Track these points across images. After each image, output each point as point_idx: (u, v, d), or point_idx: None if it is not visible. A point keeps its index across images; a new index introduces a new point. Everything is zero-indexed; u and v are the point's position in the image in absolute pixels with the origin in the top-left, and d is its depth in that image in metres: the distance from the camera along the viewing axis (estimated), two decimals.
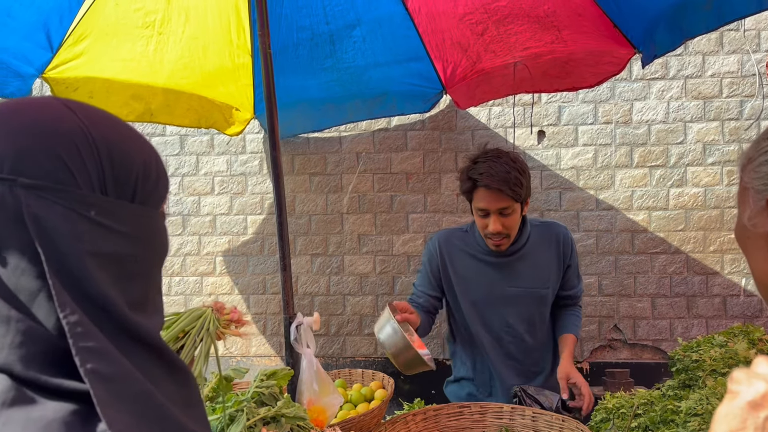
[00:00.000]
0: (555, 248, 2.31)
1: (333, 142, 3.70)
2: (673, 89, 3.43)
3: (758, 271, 0.84)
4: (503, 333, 2.31)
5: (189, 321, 1.16)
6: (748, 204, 0.83)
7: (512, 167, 2.09)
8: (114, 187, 0.66)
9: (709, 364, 1.96)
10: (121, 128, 0.71)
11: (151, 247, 0.71)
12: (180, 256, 3.81)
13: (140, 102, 2.74)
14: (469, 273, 2.31)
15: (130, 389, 0.61)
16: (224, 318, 1.26)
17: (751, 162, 0.83)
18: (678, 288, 3.44)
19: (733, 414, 0.62)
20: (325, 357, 3.71)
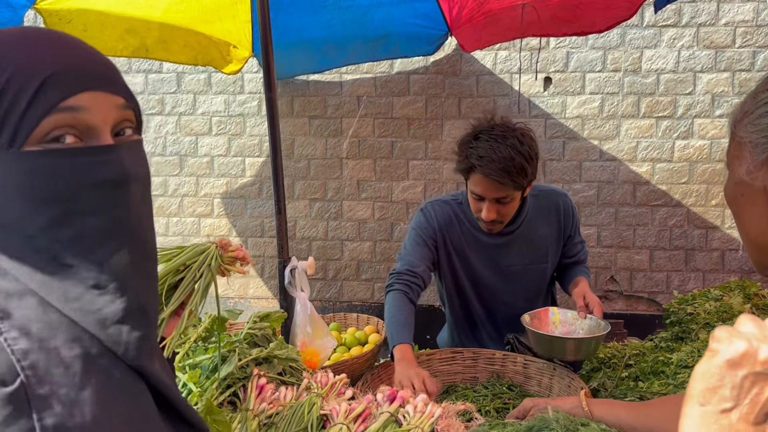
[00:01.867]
0: (555, 220, 2.15)
1: (333, 85, 3.62)
2: (685, 37, 3.32)
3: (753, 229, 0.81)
4: (497, 310, 2.22)
5: (191, 255, 1.14)
6: (744, 159, 0.79)
7: (518, 152, 1.83)
8: None
9: (703, 317, 1.97)
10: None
11: (16, 196, 0.59)
12: (177, 197, 3.79)
13: (135, 37, 2.66)
14: (465, 248, 2.14)
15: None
16: (229, 255, 1.23)
17: (748, 115, 0.79)
18: (677, 241, 3.43)
19: (711, 372, 0.61)
20: (322, 301, 3.74)
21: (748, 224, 0.82)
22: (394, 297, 2.00)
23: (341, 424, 1.29)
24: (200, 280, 1.13)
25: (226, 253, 1.22)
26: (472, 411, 1.50)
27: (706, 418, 0.61)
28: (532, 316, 1.93)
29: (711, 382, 0.61)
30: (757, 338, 0.61)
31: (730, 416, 0.60)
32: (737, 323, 0.64)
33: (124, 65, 3.71)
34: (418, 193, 3.60)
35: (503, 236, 2.11)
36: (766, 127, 0.75)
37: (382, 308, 3.65)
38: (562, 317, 1.96)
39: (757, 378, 0.59)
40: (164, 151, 3.75)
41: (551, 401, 1.41)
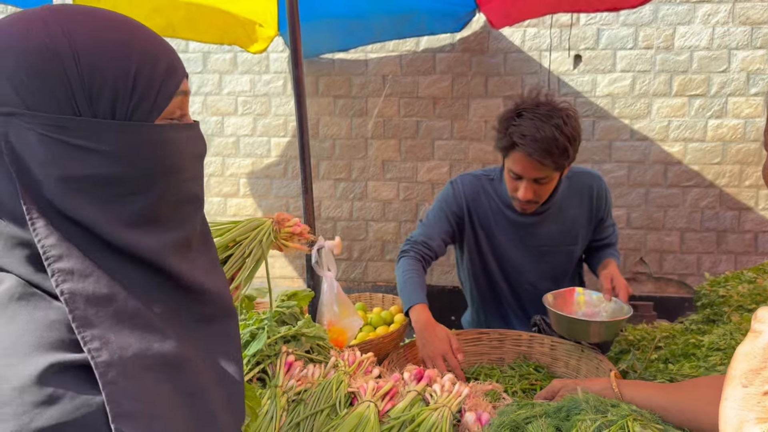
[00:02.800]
0: (587, 203, 2.11)
1: (359, 64, 3.59)
2: (720, 13, 3.22)
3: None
4: (522, 290, 2.19)
5: (243, 231, 1.12)
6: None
7: (561, 132, 1.79)
8: (89, 105, 0.62)
9: (735, 299, 1.92)
10: (100, 34, 0.64)
11: (146, 162, 0.65)
12: (204, 177, 3.82)
13: (162, 16, 2.67)
14: (493, 225, 2.12)
15: (113, 307, 0.61)
16: (286, 230, 1.20)
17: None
18: (709, 223, 3.36)
19: (754, 353, 0.61)
20: (347, 281, 3.76)
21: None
22: (408, 261, 2.01)
23: (369, 401, 1.29)
24: (249, 257, 1.10)
25: (283, 228, 1.20)
26: (500, 391, 1.49)
27: (749, 399, 0.60)
28: (556, 296, 1.91)
29: (754, 363, 0.60)
30: None
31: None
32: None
33: None
34: (443, 173, 3.57)
35: (533, 215, 2.08)
36: None
37: None
38: (587, 298, 1.93)
39: None
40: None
41: (580, 382, 1.40)
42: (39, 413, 0.52)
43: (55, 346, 0.56)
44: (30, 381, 0.52)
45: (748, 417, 0.60)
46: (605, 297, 1.88)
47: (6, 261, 0.60)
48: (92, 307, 0.59)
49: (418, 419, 1.25)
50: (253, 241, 1.11)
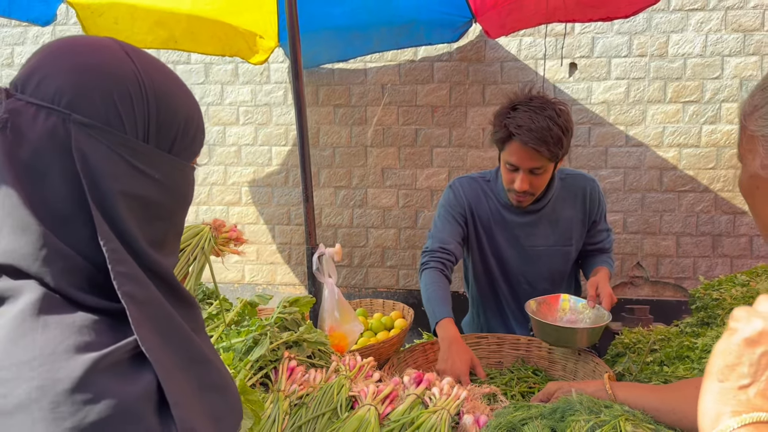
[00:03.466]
0: (580, 204, 2.16)
1: (358, 74, 3.64)
2: (713, 21, 3.27)
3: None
4: (521, 290, 2.23)
5: (185, 238, 1.18)
6: (758, 153, 0.79)
7: (555, 123, 1.86)
8: (156, 136, 0.72)
9: (729, 302, 1.96)
10: (171, 81, 0.75)
11: (177, 196, 0.76)
12: (206, 186, 3.87)
13: (164, 28, 2.72)
14: (492, 225, 2.18)
15: (157, 312, 0.68)
16: (223, 236, 1.27)
17: (758, 109, 0.80)
18: (704, 227, 3.39)
19: (730, 350, 0.64)
20: (348, 287, 3.79)
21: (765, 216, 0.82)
22: (430, 274, 2.05)
23: (369, 405, 1.33)
24: (194, 263, 1.15)
25: (220, 234, 1.27)
26: (497, 393, 1.53)
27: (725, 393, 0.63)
28: (541, 302, 1.94)
29: (730, 359, 0.63)
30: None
31: (748, 392, 0.62)
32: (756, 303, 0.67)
33: None
34: (442, 180, 3.61)
35: (529, 215, 2.14)
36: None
37: (407, 294, 3.70)
38: (571, 305, 1.95)
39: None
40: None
41: (575, 384, 1.44)
42: (91, 409, 0.57)
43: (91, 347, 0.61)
44: (78, 381, 0.58)
45: (725, 410, 0.63)
46: (589, 304, 1.91)
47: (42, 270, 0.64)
48: (143, 308, 0.66)
49: (417, 422, 1.29)
50: (195, 248, 1.16)
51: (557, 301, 1.96)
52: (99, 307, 0.65)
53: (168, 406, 0.63)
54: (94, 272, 0.66)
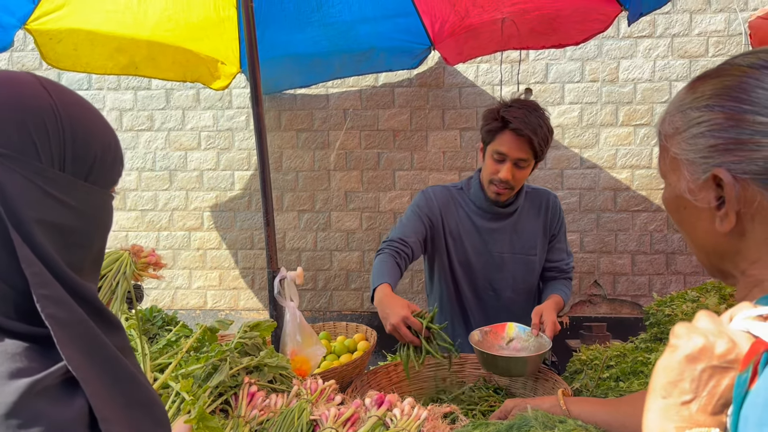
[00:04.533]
0: (543, 216, 2.29)
1: (320, 99, 3.68)
2: (660, 47, 3.42)
3: (699, 240, 0.82)
4: (486, 297, 2.31)
5: (105, 264, 1.19)
6: (682, 175, 0.79)
7: (544, 123, 2.06)
8: (72, 165, 0.74)
9: (680, 318, 2.03)
10: (88, 113, 0.78)
11: (95, 222, 0.78)
12: (167, 211, 3.83)
13: (125, 54, 2.71)
14: (461, 232, 2.28)
15: (83, 333, 0.70)
16: (142, 261, 1.30)
17: (680, 132, 0.79)
18: (658, 245, 3.51)
19: (671, 366, 0.65)
20: (312, 311, 3.78)
21: (693, 234, 0.82)
22: (380, 258, 2.10)
23: (330, 428, 1.33)
24: (117, 288, 1.17)
25: (139, 259, 1.29)
26: (457, 412, 1.55)
27: (668, 410, 0.65)
28: (487, 331, 1.96)
29: (671, 376, 0.65)
30: (714, 333, 0.65)
31: (690, 407, 0.64)
32: (695, 319, 0.68)
33: (113, 82, 3.76)
34: (404, 203, 3.66)
35: (497, 221, 2.25)
36: (703, 148, 0.75)
37: (372, 317, 3.71)
38: (516, 333, 1.97)
39: (714, 371, 0.63)
40: (154, 166, 3.79)
41: (531, 401, 1.47)
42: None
43: (24, 373, 0.63)
44: (13, 406, 0.60)
45: (668, 426, 0.64)
46: (532, 332, 1.96)
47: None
48: (68, 329, 0.68)
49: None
50: (117, 273, 1.19)
51: (503, 329, 2.00)
52: (28, 334, 0.67)
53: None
54: (20, 299, 0.68)
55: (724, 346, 0.64)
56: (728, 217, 0.74)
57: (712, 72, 0.78)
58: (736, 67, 0.75)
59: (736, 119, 0.72)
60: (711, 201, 0.76)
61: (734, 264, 0.77)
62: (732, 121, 0.73)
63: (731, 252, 0.77)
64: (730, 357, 0.63)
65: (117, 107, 3.76)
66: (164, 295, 3.87)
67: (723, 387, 0.63)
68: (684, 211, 0.82)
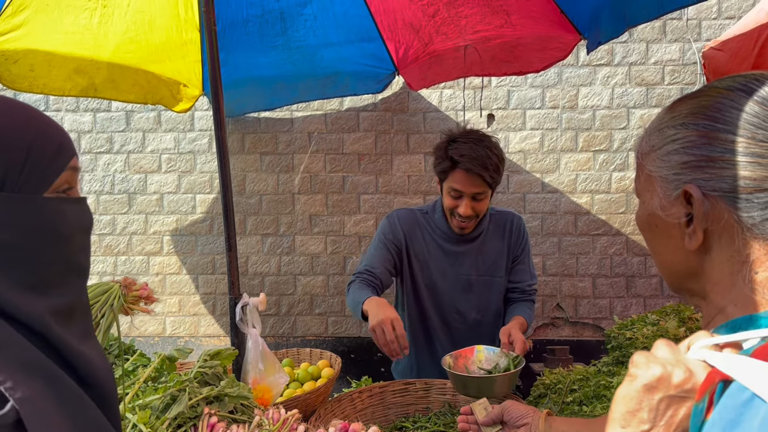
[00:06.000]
0: (507, 236, 2.32)
1: (284, 122, 3.67)
2: (618, 75, 3.52)
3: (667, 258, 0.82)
4: (452, 319, 2.31)
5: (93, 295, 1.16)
6: (656, 193, 0.80)
7: (493, 153, 2.05)
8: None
9: (641, 341, 2.05)
10: None
11: (32, 232, 0.71)
12: (126, 235, 3.74)
13: (84, 76, 2.65)
14: (426, 255, 2.28)
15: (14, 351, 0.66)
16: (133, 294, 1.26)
17: (656, 150, 0.80)
18: (618, 268, 3.57)
19: (630, 396, 0.66)
20: (276, 336, 3.72)
21: (662, 252, 0.83)
22: (354, 287, 2.15)
23: None
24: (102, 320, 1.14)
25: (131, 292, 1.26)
26: None
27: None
28: (457, 356, 1.95)
29: (630, 405, 0.65)
30: (672, 363, 0.65)
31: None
32: (653, 348, 0.69)
33: (71, 104, 3.68)
34: (369, 226, 3.65)
35: (462, 245, 2.26)
36: (676, 165, 0.76)
37: (336, 342, 3.67)
38: (486, 355, 1.97)
39: (671, 401, 0.64)
40: (113, 189, 3.71)
41: None
42: None
43: None
44: None
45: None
46: (503, 351, 1.96)
47: None
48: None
49: None
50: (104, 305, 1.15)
51: (472, 352, 1.99)
52: None
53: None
54: None
55: (681, 376, 0.64)
56: (696, 234, 0.75)
57: (691, 93, 0.80)
58: (713, 88, 0.76)
59: (709, 137, 0.73)
60: (681, 217, 0.76)
61: (700, 285, 0.78)
62: (705, 139, 0.73)
63: (698, 271, 0.77)
64: (687, 386, 0.64)
65: (76, 129, 3.68)
66: (121, 321, 3.75)
67: (680, 416, 0.64)
68: (656, 229, 0.82)
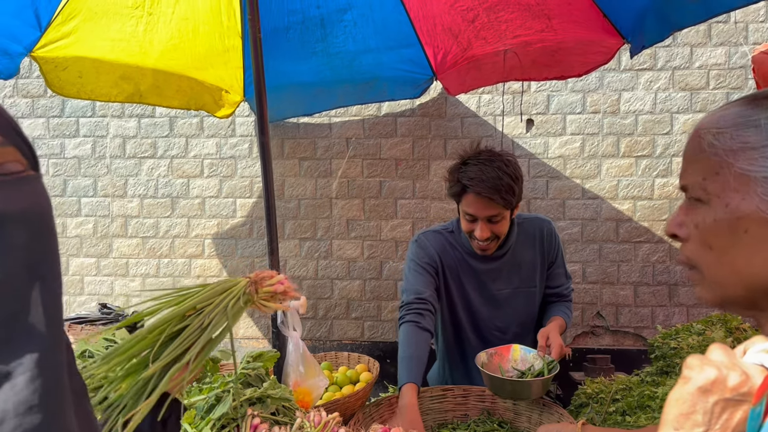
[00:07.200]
0: (539, 245, 2.25)
1: (323, 127, 3.70)
2: (661, 80, 3.46)
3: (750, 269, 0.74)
4: (492, 336, 2.26)
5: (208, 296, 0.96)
6: (750, 193, 0.73)
7: (504, 173, 1.96)
8: None
9: (686, 351, 2.01)
10: None
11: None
12: (169, 238, 3.82)
13: (129, 83, 2.73)
14: (460, 275, 2.23)
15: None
16: (265, 290, 1.07)
17: (756, 149, 0.73)
18: (660, 276, 3.49)
19: (684, 398, 0.65)
20: (313, 340, 3.75)
21: (743, 262, 0.75)
22: (404, 330, 2.04)
23: None
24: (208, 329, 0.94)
25: (262, 288, 1.08)
26: None
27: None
28: (492, 353, 1.95)
29: (684, 408, 0.64)
30: (726, 366, 0.64)
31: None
32: (708, 352, 0.68)
33: (117, 109, 3.78)
34: (406, 231, 3.65)
35: (493, 261, 2.20)
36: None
37: (372, 346, 3.68)
38: (522, 355, 1.96)
39: (726, 404, 0.63)
40: (156, 194, 3.79)
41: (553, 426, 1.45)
42: None
43: None
44: None
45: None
46: (539, 354, 1.93)
47: None
48: None
49: None
50: (216, 308, 0.96)
51: (509, 351, 1.98)
52: None
53: None
54: None
55: (737, 379, 0.63)
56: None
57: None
58: None
59: None
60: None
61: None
62: None
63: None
64: (743, 390, 0.63)
65: (121, 134, 3.78)
66: None
67: (736, 420, 0.63)
68: (744, 235, 0.74)
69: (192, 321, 0.93)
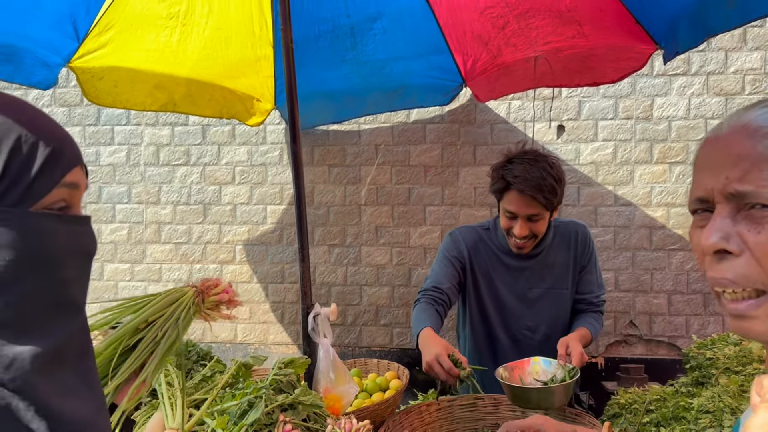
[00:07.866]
0: (573, 247, 2.28)
1: (352, 135, 3.73)
2: (695, 85, 3.40)
3: None
4: (521, 335, 2.28)
5: (158, 308, 0.97)
6: None
7: (549, 173, 2.01)
8: None
9: (722, 362, 1.97)
10: None
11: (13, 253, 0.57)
12: (201, 244, 3.88)
13: (164, 92, 2.79)
14: (491, 272, 2.27)
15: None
16: (211, 299, 1.09)
17: None
18: (695, 285, 3.42)
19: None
20: (342, 346, 3.76)
21: None
22: (418, 307, 2.12)
23: None
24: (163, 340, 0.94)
25: (208, 297, 1.10)
26: None
27: None
28: (512, 368, 1.93)
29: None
30: None
31: None
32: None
33: (151, 118, 3.86)
34: (435, 238, 3.65)
35: (526, 260, 2.23)
36: None
37: (401, 353, 3.67)
38: (543, 367, 1.95)
39: None
40: (189, 200, 3.86)
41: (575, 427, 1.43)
42: None
43: None
44: None
45: None
46: (559, 362, 1.93)
47: None
48: None
49: None
50: (168, 320, 0.97)
51: (528, 364, 1.97)
52: None
53: None
54: None
55: None
56: None
57: None
58: None
59: None
60: None
61: None
62: None
63: None
64: None
65: (155, 142, 3.86)
66: (194, 327, 3.90)
67: None
68: None
69: (146, 333, 0.94)
